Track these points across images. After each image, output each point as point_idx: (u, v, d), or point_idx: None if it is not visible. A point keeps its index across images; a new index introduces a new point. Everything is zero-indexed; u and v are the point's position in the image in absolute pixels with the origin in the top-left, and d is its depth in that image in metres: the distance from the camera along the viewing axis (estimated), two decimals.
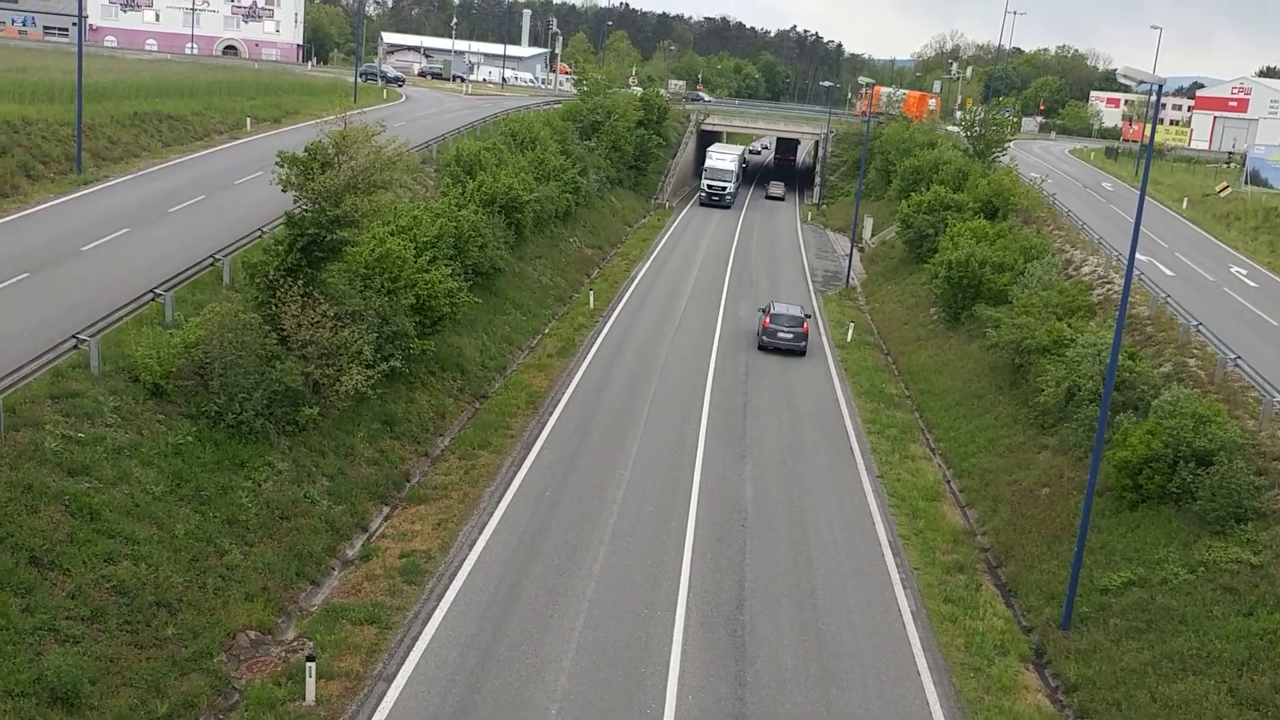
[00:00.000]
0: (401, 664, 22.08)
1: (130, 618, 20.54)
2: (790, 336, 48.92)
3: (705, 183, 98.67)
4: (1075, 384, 34.30)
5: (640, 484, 32.56)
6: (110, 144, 50.01)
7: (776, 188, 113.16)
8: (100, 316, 27.79)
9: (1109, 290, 44.50)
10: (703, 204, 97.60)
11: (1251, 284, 51.84)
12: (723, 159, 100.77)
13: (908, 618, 26.55)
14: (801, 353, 49.16)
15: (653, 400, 40.55)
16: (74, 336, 26.18)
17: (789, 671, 23.47)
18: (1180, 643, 23.14)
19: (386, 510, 29.73)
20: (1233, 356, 34.08)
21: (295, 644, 22.72)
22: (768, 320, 49.52)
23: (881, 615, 26.58)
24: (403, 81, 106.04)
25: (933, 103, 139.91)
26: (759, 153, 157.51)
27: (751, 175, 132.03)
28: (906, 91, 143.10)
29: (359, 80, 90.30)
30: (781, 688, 22.82)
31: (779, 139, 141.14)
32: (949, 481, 36.21)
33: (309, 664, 20.74)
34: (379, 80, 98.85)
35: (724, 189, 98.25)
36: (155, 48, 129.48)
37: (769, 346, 49.18)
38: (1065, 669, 24.38)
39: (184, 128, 57.41)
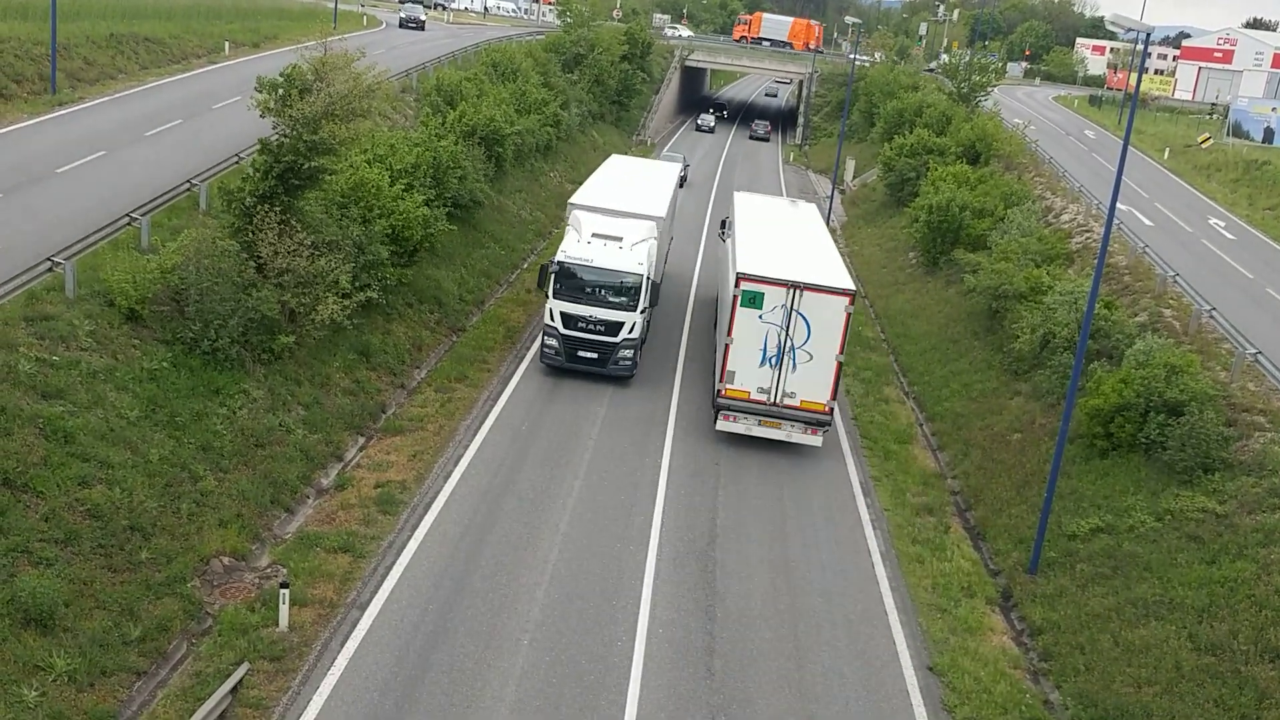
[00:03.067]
0: (375, 593, 22.22)
1: (104, 541, 20.56)
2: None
3: None
4: (1050, 331, 34.49)
5: (615, 420, 32.68)
6: (86, 65, 49.23)
7: (760, 126, 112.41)
8: (76, 239, 27.51)
9: (1088, 239, 44.61)
10: None
11: (1229, 236, 52.06)
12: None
13: (877, 558, 26.86)
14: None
15: None
16: (49, 259, 25.92)
17: (758, 608, 23.75)
18: (1144, 589, 23.51)
19: (362, 440, 29.75)
20: (1208, 308, 34.31)
21: (269, 570, 22.81)
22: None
23: (851, 555, 26.89)
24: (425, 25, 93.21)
25: (818, 32, 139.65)
26: (774, 94, 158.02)
27: (735, 112, 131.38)
28: (792, 19, 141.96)
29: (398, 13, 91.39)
30: (750, 623, 23.10)
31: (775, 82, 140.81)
32: (921, 425, 36.48)
33: (283, 590, 20.84)
34: (413, 24, 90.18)
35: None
36: None
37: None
38: (1031, 612, 24.75)
39: (161, 50, 56.54)
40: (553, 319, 34.68)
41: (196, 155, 37.01)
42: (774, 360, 31.59)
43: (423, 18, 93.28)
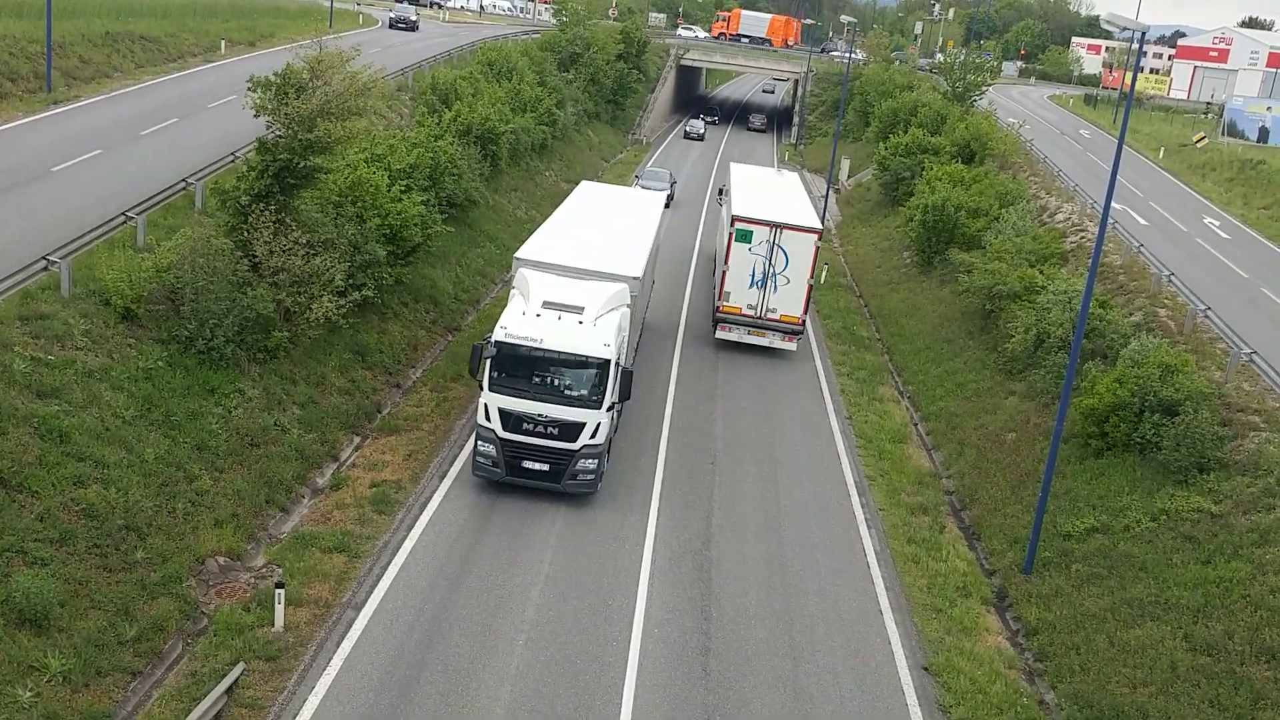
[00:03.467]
0: (370, 593, 22.21)
1: (99, 541, 20.54)
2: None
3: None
4: (1045, 331, 34.54)
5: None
6: (82, 63, 49.15)
7: (758, 119, 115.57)
8: (71, 238, 27.48)
9: (1083, 238, 44.66)
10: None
11: (1224, 235, 52.12)
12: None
13: (872, 558, 26.88)
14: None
15: None
16: (44, 258, 25.90)
17: (753, 608, 23.76)
18: (1139, 589, 23.54)
19: (357, 440, 29.73)
20: (1203, 308, 34.35)
21: (264, 570, 22.80)
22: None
23: (846, 555, 26.90)
24: (418, 25, 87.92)
25: (796, 28, 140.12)
26: (772, 90, 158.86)
27: (730, 112, 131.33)
28: (770, 15, 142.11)
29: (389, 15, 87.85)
30: (746, 623, 23.10)
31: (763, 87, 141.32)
32: (916, 424, 36.51)
33: (278, 590, 20.84)
34: (404, 24, 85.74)
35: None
36: None
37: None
38: (1026, 612, 24.78)
39: (157, 49, 56.46)
40: (488, 418, 26.50)
41: (192, 154, 36.98)
42: (760, 283, 40.05)
43: (413, 17, 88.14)
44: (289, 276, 28.46)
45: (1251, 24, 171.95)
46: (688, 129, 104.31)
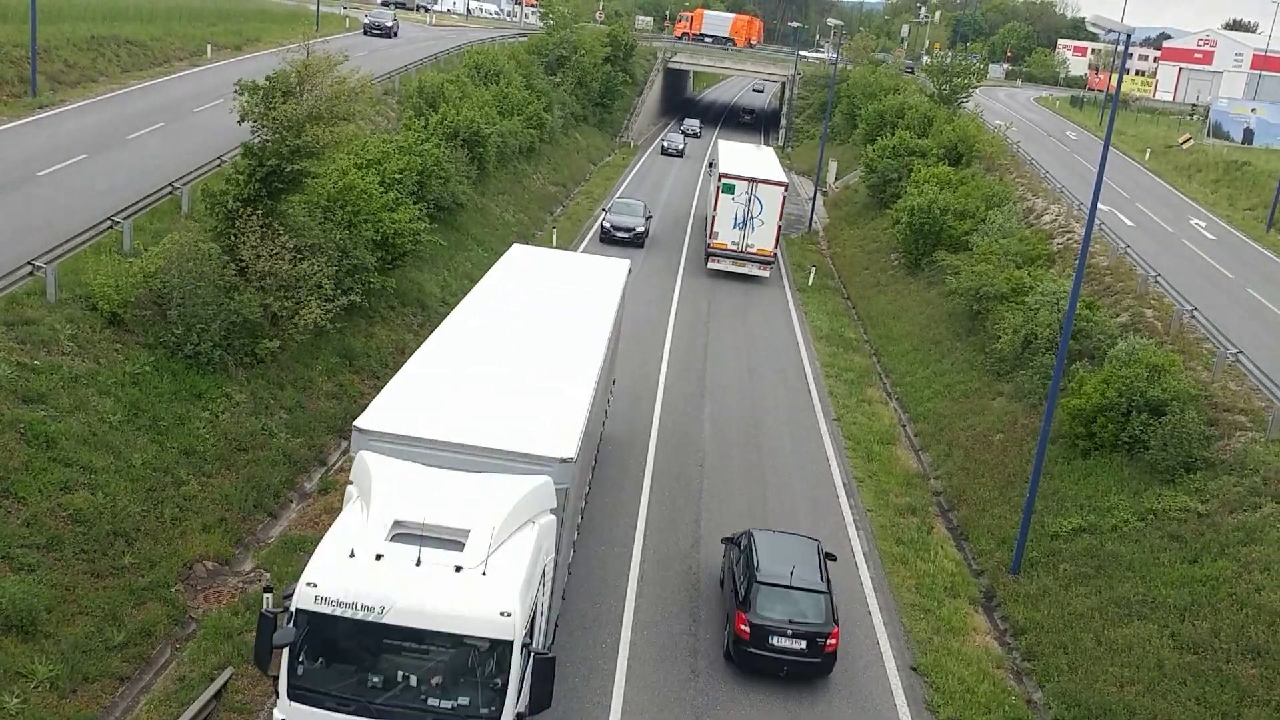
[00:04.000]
0: None
1: (87, 546, 20.49)
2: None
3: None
4: (1032, 332, 34.63)
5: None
6: (67, 68, 49.01)
7: (747, 116, 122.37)
8: (57, 243, 27.42)
9: (1069, 239, 44.80)
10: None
11: (1209, 236, 52.32)
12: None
13: (860, 558, 26.92)
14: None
15: None
16: (30, 263, 25.83)
17: None
18: (1127, 588, 23.61)
19: (345, 444, 29.66)
20: (1189, 308, 34.49)
21: (252, 575, 22.77)
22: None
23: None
24: (396, 31, 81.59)
25: (759, 27, 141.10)
26: (761, 90, 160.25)
27: (719, 115, 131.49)
28: (734, 15, 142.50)
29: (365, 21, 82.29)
30: None
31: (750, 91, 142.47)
32: (904, 425, 36.57)
33: (266, 595, 20.74)
34: (379, 30, 79.28)
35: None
36: None
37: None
38: (1014, 612, 24.84)
39: (143, 53, 56.33)
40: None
41: (179, 158, 36.89)
42: (741, 224, 52.01)
43: (389, 23, 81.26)
44: (276, 281, 28.43)
45: (1235, 26, 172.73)
46: (666, 144, 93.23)
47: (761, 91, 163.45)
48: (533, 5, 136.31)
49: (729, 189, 51.76)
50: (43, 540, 19.90)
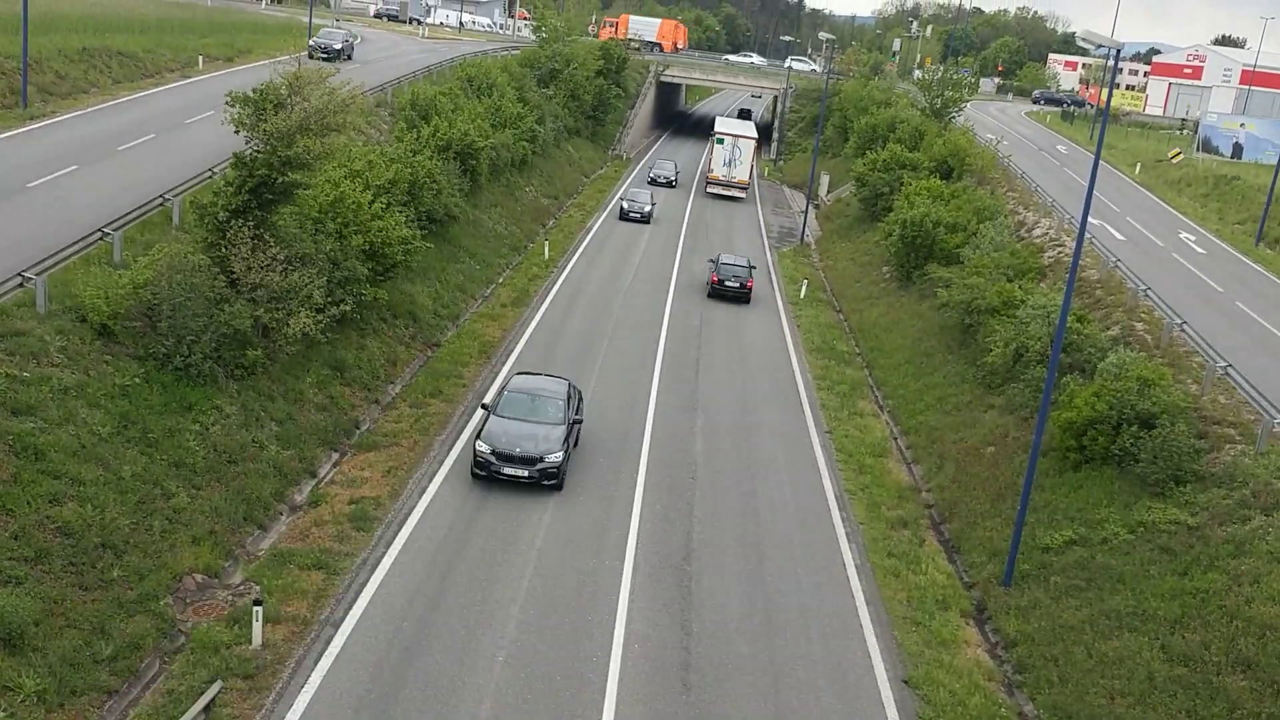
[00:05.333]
0: (349, 610, 22.10)
1: (75, 559, 20.39)
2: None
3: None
4: (1023, 345, 34.67)
5: (592, 438, 32.64)
6: (58, 79, 49.00)
7: (743, 115, 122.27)
8: (47, 254, 27.30)
9: (1060, 253, 44.92)
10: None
11: (1199, 250, 52.50)
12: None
13: (852, 571, 26.89)
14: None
15: (605, 354, 40.56)
16: (19, 274, 25.74)
17: (734, 622, 23.73)
18: (1117, 601, 23.62)
19: (336, 456, 29.62)
20: (1179, 322, 34.57)
21: (242, 588, 22.68)
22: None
23: (826, 568, 26.91)
24: (349, 54, 69.30)
25: (684, 32, 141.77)
26: (759, 95, 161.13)
27: (710, 128, 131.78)
28: (660, 20, 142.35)
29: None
30: (727, 638, 23.07)
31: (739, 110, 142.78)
32: (896, 438, 36.59)
33: (256, 608, 20.72)
34: (324, 53, 63.54)
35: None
36: None
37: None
38: (1005, 625, 24.83)
39: (134, 65, 56.32)
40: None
41: (169, 170, 36.85)
42: (727, 164, 78.96)
43: (339, 45, 67.78)
44: (267, 292, 28.39)
45: (1225, 42, 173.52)
46: (653, 174, 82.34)
47: (759, 98, 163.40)
48: (526, 19, 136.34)
49: (720, 141, 79.05)
50: (31, 553, 19.80)
